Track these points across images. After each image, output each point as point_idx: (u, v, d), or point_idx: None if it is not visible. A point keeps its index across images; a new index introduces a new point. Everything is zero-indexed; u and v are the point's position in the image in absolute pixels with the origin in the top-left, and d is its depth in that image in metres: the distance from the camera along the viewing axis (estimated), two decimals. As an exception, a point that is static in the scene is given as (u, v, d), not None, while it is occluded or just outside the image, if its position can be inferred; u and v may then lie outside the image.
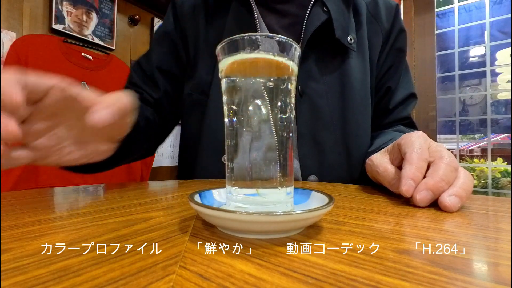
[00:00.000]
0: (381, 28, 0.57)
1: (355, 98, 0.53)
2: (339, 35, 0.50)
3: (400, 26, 0.58)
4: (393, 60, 0.58)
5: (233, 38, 0.20)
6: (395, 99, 0.58)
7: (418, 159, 0.29)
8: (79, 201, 0.30)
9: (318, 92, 0.52)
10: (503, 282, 0.12)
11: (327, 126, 0.52)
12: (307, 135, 0.51)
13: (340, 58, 0.53)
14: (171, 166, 1.86)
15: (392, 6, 0.59)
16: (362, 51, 0.55)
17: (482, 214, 0.25)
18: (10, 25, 1.17)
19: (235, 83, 0.21)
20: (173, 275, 0.13)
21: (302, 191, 0.25)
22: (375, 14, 0.57)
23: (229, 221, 0.18)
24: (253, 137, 0.21)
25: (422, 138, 0.32)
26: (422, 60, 1.78)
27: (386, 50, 0.57)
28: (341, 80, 0.52)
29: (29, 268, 0.13)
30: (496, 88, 1.68)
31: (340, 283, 0.12)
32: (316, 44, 0.51)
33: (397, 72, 0.58)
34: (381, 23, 0.57)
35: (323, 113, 0.51)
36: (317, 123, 0.51)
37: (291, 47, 0.21)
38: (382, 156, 0.36)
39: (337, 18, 0.50)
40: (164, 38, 0.59)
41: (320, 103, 0.51)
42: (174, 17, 0.59)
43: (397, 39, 0.58)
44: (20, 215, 0.23)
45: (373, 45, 0.56)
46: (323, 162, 0.51)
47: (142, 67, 0.59)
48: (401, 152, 0.32)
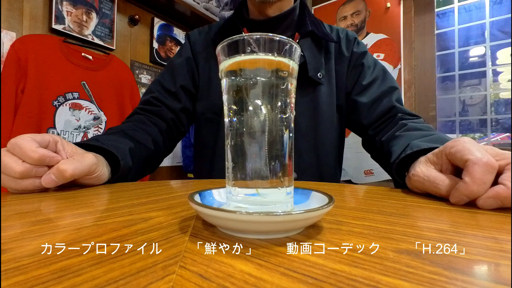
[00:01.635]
0: (345, 59, 0.73)
1: (323, 116, 0.69)
2: (311, 74, 0.67)
3: (358, 52, 0.73)
4: (355, 75, 0.72)
5: (233, 39, 0.20)
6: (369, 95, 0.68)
7: (484, 172, 0.26)
8: (79, 201, 0.30)
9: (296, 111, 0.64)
10: (503, 282, 0.12)
11: (303, 136, 0.68)
12: None
13: (312, 88, 0.69)
14: (171, 166, 1.86)
15: (350, 40, 0.74)
16: (330, 81, 0.71)
17: (482, 214, 0.25)
18: (10, 25, 1.17)
19: (235, 83, 0.21)
20: (173, 275, 0.13)
21: (302, 191, 0.25)
22: (339, 51, 0.73)
23: (229, 221, 0.18)
24: (253, 137, 0.21)
25: (475, 143, 0.30)
26: (422, 60, 1.78)
27: (349, 71, 0.73)
28: (313, 103, 0.69)
29: (29, 268, 0.13)
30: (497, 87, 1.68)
31: (340, 283, 0.12)
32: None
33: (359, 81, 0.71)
34: (343, 55, 0.73)
35: (301, 127, 0.68)
36: (296, 134, 0.65)
37: (291, 47, 0.21)
38: (427, 168, 0.34)
39: (310, 61, 0.68)
40: (187, 63, 0.75)
41: (298, 120, 0.67)
42: (191, 48, 0.76)
43: (357, 60, 0.72)
44: (20, 215, 0.23)
45: (339, 73, 0.72)
46: (299, 163, 0.67)
47: (164, 85, 0.73)
48: (456, 161, 0.30)
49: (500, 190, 0.26)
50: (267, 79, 0.20)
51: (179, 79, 0.73)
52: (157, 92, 0.72)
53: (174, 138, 0.74)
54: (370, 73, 0.71)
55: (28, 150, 0.35)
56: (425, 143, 0.40)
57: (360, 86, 0.70)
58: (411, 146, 0.41)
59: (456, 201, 0.28)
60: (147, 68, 1.68)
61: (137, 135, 0.60)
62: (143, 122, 0.67)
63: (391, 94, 0.67)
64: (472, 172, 0.27)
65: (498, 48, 1.68)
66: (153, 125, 0.67)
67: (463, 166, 0.29)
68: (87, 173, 0.40)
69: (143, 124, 0.66)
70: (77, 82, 1.30)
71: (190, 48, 0.76)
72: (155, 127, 0.67)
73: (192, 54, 0.75)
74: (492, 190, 0.26)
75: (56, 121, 1.21)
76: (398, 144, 0.50)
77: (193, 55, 0.75)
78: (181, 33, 1.86)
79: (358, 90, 0.71)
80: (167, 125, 0.70)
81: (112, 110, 1.40)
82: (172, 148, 0.76)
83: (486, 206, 0.27)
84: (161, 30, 1.75)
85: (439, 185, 0.31)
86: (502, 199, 0.26)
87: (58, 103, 1.23)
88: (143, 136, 0.62)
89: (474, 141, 0.31)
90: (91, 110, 1.34)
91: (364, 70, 0.71)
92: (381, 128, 0.64)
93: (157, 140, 0.66)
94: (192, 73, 0.74)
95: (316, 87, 0.69)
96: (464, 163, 0.28)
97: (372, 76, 0.70)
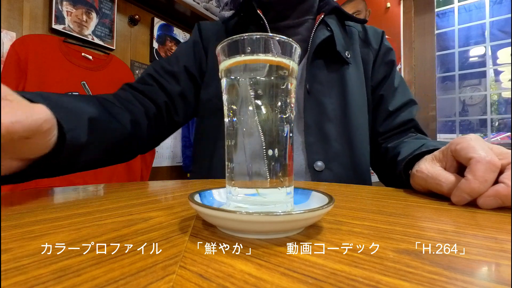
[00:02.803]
0: (372, 49, 0.67)
1: (353, 98, 0.61)
2: (339, 49, 0.61)
3: (387, 46, 0.68)
4: (385, 71, 0.67)
5: (233, 38, 0.20)
6: (395, 102, 0.64)
7: (486, 170, 0.27)
8: (79, 201, 0.30)
9: (322, 92, 0.61)
10: (503, 282, 0.12)
11: (331, 120, 0.59)
12: (313, 127, 0.58)
13: (340, 66, 0.63)
14: (171, 166, 1.86)
15: (379, 33, 0.70)
16: (357, 65, 0.65)
17: (482, 214, 0.25)
18: (10, 25, 1.17)
19: (235, 83, 0.21)
20: (173, 275, 0.13)
21: (302, 191, 0.25)
22: (365, 40, 0.68)
23: (229, 221, 0.18)
24: (253, 137, 0.21)
25: (481, 141, 0.30)
26: (422, 60, 1.78)
27: (378, 64, 0.67)
28: (341, 83, 0.62)
29: (29, 268, 0.13)
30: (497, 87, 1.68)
31: (340, 283, 0.12)
32: (320, 54, 0.62)
33: (391, 80, 0.66)
34: (371, 45, 0.68)
35: (327, 109, 0.60)
36: (322, 117, 0.59)
37: (291, 47, 0.21)
38: (432, 165, 0.34)
39: (338, 36, 0.62)
40: (193, 46, 0.68)
41: (324, 101, 0.60)
42: (200, 35, 0.69)
43: (386, 55, 0.67)
44: (20, 215, 0.23)
45: (366, 61, 0.66)
46: (328, 150, 0.57)
47: (164, 65, 0.63)
48: (460, 158, 0.30)
49: (501, 188, 0.26)
50: (267, 79, 0.20)
51: (182, 59, 0.64)
52: (153, 70, 0.62)
53: (164, 126, 0.62)
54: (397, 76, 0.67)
55: None
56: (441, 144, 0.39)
57: (391, 87, 0.65)
58: (426, 145, 0.40)
59: (457, 200, 0.28)
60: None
61: (110, 106, 0.48)
62: (126, 98, 0.55)
63: (411, 107, 0.64)
64: (475, 170, 0.27)
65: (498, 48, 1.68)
66: (139, 104, 0.56)
67: (467, 164, 0.28)
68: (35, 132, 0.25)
69: (125, 100, 0.54)
70: (77, 82, 1.30)
71: (199, 34, 0.69)
72: (141, 107, 0.56)
73: (202, 39, 0.68)
74: (492, 189, 0.26)
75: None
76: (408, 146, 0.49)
77: (202, 40, 0.68)
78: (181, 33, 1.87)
79: (390, 90, 0.65)
80: (157, 108, 0.59)
81: (112, 110, 1.40)
82: (160, 139, 0.64)
83: (486, 205, 0.27)
84: (161, 30, 1.75)
85: (441, 182, 0.31)
86: (502, 197, 0.26)
87: (58, 103, 1.23)
88: (119, 111, 0.49)
89: (481, 139, 0.30)
90: (91, 110, 1.34)
91: (394, 69, 0.67)
92: (393, 139, 0.61)
93: (139, 122, 0.53)
94: (199, 57, 0.67)
95: (343, 66, 0.63)
96: (468, 161, 0.28)
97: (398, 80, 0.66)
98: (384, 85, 0.66)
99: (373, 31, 0.70)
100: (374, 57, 0.67)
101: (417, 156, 0.39)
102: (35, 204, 0.28)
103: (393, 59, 0.68)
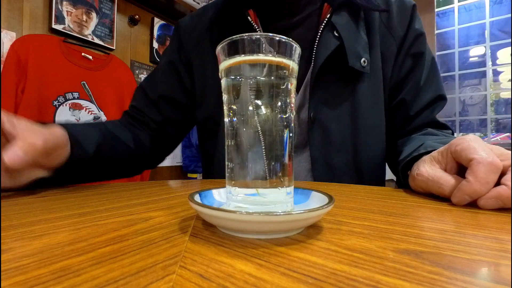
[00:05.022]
0: (395, 37, 0.54)
1: (367, 121, 0.52)
2: (352, 63, 0.49)
3: (417, 30, 0.54)
4: (409, 67, 0.54)
5: (233, 39, 0.20)
6: (417, 105, 0.54)
7: (487, 171, 0.26)
8: (79, 201, 0.30)
9: (330, 117, 0.52)
10: (503, 282, 0.12)
11: (339, 150, 0.51)
12: (320, 160, 0.52)
13: (352, 83, 0.52)
14: (171, 166, 1.86)
15: (407, 8, 0.55)
16: (375, 70, 0.53)
17: (483, 214, 0.25)
18: (10, 25, 1.17)
19: (235, 83, 0.21)
20: (173, 275, 0.13)
21: (302, 191, 0.25)
22: (388, 24, 0.54)
23: (229, 221, 0.18)
24: (253, 137, 0.21)
25: (481, 141, 0.29)
26: (422, 60, 1.78)
27: (401, 57, 0.54)
28: (353, 104, 0.52)
29: (29, 268, 0.13)
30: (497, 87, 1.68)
31: (340, 283, 0.12)
32: (327, 69, 0.50)
33: (415, 79, 0.54)
34: (394, 32, 0.54)
35: (335, 137, 0.51)
36: (330, 148, 0.51)
37: (291, 47, 0.21)
38: (431, 166, 0.33)
39: (349, 44, 0.49)
40: (169, 67, 0.62)
41: (332, 128, 0.51)
42: (179, 46, 0.62)
43: (414, 44, 0.54)
44: (20, 215, 0.23)
45: (387, 58, 0.54)
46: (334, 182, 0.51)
47: (145, 92, 0.63)
48: (460, 159, 0.29)
49: (502, 190, 0.26)
50: (267, 79, 0.20)
51: (158, 87, 0.62)
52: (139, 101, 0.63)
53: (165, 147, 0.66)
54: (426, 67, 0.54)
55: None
56: (439, 144, 0.37)
57: (415, 87, 0.53)
58: (425, 146, 0.39)
59: (458, 201, 0.28)
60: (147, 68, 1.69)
61: (115, 129, 0.53)
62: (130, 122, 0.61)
63: (436, 106, 0.54)
64: (476, 171, 0.26)
65: (498, 48, 1.68)
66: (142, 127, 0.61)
67: (468, 165, 0.28)
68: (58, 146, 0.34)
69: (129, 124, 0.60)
70: (77, 82, 1.30)
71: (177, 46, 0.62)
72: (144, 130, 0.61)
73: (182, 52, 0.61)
74: (494, 191, 0.26)
75: (56, 121, 1.21)
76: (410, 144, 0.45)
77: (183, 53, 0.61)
78: (181, 33, 1.86)
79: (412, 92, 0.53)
80: (154, 133, 0.62)
81: (112, 110, 1.40)
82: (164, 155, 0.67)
83: (487, 206, 0.27)
84: (161, 30, 1.75)
85: (443, 185, 0.30)
86: (503, 199, 0.26)
87: (58, 103, 1.23)
88: (123, 132, 0.54)
89: (480, 139, 0.30)
90: (91, 110, 1.34)
91: (422, 64, 0.54)
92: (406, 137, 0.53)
93: (143, 142, 0.58)
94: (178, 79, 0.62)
95: (358, 82, 0.52)
96: (468, 162, 0.28)
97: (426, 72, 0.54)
98: (407, 86, 0.54)
99: (398, 7, 0.54)
100: (397, 48, 0.54)
101: (415, 158, 0.38)
102: (35, 204, 0.28)
103: (422, 51, 0.54)
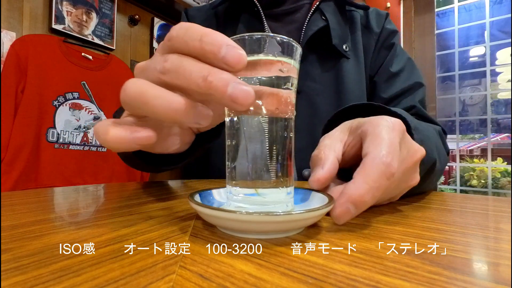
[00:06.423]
0: (373, 34, 0.61)
1: (350, 96, 0.56)
2: (335, 43, 0.55)
3: (390, 28, 0.62)
4: (383, 56, 0.61)
5: (233, 38, 0.20)
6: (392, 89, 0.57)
7: (381, 175, 0.19)
8: (79, 201, 0.30)
9: (315, 90, 0.56)
10: (503, 282, 0.12)
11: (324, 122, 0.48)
12: (304, 131, 0.54)
13: (336, 61, 0.57)
14: (171, 166, 1.86)
15: (382, 15, 0.64)
16: (357, 55, 0.59)
17: (482, 214, 0.25)
18: (10, 25, 1.17)
19: (235, 83, 0.21)
20: (173, 275, 0.13)
21: (302, 191, 0.25)
22: (367, 25, 0.62)
23: (229, 221, 0.18)
24: (253, 137, 0.21)
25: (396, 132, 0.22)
26: (422, 60, 1.78)
27: (377, 49, 0.61)
28: (336, 80, 0.56)
29: (29, 268, 0.13)
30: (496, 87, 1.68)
31: (340, 283, 0.12)
32: (314, 47, 0.56)
33: (386, 64, 0.60)
34: (372, 30, 0.61)
35: (320, 110, 0.55)
36: (314, 119, 0.55)
37: (292, 47, 0.21)
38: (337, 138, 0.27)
39: (334, 27, 0.55)
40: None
41: (317, 101, 0.55)
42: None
43: (388, 38, 0.61)
44: (20, 215, 0.23)
45: (367, 51, 0.61)
46: None
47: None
48: (362, 142, 0.23)
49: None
50: (268, 79, 0.20)
51: None
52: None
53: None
54: (399, 59, 0.60)
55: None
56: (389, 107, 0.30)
57: (386, 72, 0.59)
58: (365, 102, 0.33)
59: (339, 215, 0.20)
60: (147, 68, 1.68)
61: None
62: None
63: (415, 91, 0.57)
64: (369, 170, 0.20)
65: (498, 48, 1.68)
66: None
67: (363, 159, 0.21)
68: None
69: None
70: (77, 82, 1.30)
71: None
72: None
73: None
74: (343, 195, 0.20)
75: (56, 121, 1.22)
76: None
77: None
78: (181, 33, 1.86)
79: (384, 76, 0.59)
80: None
81: (112, 110, 1.40)
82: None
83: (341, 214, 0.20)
84: (161, 30, 1.75)
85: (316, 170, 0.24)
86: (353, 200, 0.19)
87: (58, 103, 1.23)
88: None
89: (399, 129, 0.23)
90: (91, 110, 1.34)
91: (395, 53, 0.60)
92: None
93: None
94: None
95: (341, 61, 0.57)
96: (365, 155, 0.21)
97: (400, 64, 0.59)
98: (379, 70, 0.60)
99: (375, 14, 0.63)
100: (375, 43, 0.61)
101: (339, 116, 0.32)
102: (35, 204, 0.28)
103: (394, 42, 0.61)
